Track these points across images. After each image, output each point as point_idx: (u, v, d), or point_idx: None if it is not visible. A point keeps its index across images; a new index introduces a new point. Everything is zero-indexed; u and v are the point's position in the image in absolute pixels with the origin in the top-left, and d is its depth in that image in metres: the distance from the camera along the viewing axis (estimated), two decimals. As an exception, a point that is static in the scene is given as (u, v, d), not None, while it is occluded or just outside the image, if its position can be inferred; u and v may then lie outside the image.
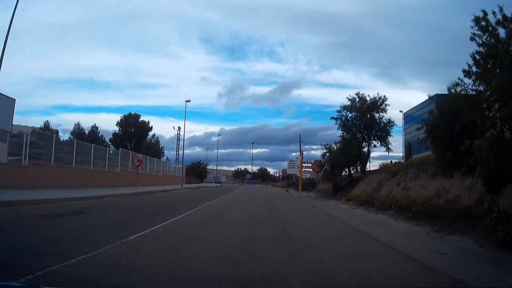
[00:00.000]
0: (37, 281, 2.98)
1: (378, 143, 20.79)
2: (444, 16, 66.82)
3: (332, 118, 20.62)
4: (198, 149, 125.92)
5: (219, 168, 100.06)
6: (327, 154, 20.85)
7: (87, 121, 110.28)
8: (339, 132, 20.65)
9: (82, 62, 78.73)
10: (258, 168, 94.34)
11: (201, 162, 62.86)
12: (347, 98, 20.55)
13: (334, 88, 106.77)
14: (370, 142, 20.70)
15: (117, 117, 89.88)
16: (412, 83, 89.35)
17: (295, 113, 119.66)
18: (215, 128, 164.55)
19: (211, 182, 70.67)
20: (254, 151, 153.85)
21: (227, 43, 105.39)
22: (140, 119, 61.96)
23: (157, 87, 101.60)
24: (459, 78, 7.56)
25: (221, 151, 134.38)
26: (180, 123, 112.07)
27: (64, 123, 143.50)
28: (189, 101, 31.63)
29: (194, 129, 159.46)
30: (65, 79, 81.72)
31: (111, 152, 27.27)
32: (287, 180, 49.69)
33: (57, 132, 46.48)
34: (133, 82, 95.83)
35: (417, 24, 70.99)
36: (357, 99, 20.37)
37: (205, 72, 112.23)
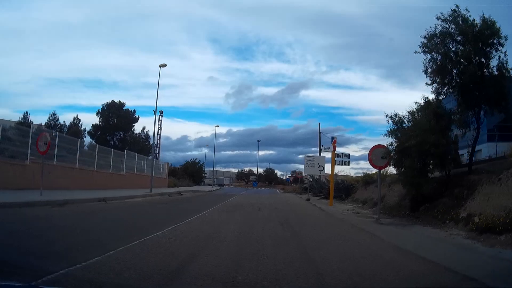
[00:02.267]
0: None
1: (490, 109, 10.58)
2: None
3: (423, 47, 10.21)
4: (205, 151, 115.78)
5: (224, 169, 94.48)
6: (397, 134, 10.58)
7: (93, 121, 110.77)
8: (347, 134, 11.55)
9: (89, 62, 78.61)
10: (264, 169, 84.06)
11: (196, 161, 52.96)
12: (438, 18, 10.26)
13: (341, 89, 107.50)
14: (479, 108, 10.47)
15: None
16: (420, 85, 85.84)
17: (303, 114, 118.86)
18: (222, 129, 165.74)
19: (213, 185, 62.51)
20: (261, 152, 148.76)
21: (235, 43, 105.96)
22: (124, 108, 52.82)
23: (165, 87, 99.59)
24: None
25: (228, 153, 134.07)
26: (188, 124, 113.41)
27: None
28: (164, 65, 21.75)
29: (201, 129, 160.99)
30: (71, 79, 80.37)
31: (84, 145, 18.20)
32: (301, 183, 39.40)
33: (40, 126, 38.45)
34: (140, 82, 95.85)
35: (424, 25, 67.72)
36: (459, 19, 10.11)
37: (212, 72, 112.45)
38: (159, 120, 39.95)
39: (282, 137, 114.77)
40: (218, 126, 45.09)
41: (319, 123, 36.15)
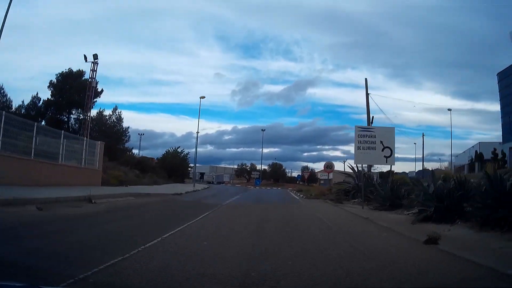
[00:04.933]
0: None
1: None
2: (458, 17, 64.69)
3: None
4: (210, 148, 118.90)
5: (227, 166, 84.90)
6: None
7: None
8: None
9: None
10: (270, 164, 69.67)
11: (179, 150, 39.10)
12: None
13: (348, 88, 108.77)
14: None
15: (130, 114, 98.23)
16: (425, 84, 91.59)
17: (309, 112, 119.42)
18: (227, 127, 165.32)
19: (194, 183, 52.19)
20: (266, 150, 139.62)
21: (242, 41, 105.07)
22: (83, 78, 39.62)
23: (171, 84, 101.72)
24: None
25: (233, 150, 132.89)
26: (194, 121, 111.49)
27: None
28: None
29: (206, 126, 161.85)
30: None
31: None
32: (336, 184, 25.36)
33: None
34: (146, 79, 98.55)
35: (431, 25, 69.44)
36: None
37: (219, 69, 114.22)
38: (91, 69, 26.24)
39: (287, 134, 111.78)
40: (204, 97, 31.38)
41: (365, 79, 21.81)
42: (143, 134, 70.53)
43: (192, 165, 39.25)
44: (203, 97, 31.28)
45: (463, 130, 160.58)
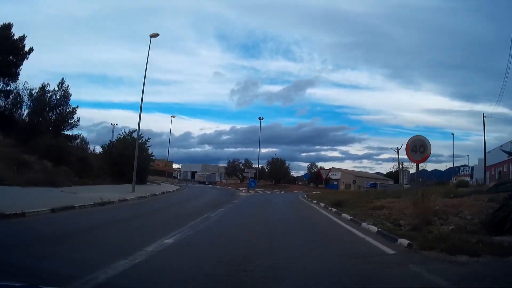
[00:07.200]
0: None
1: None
2: (457, 19, 56.88)
3: None
4: (207, 147, 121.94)
5: (220, 165, 76.21)
6: None
7: (98, 117, 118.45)
8: (351, 133, 0.49)
9: (95, 57, 79.24)
10: (269, 160, 56.66)
11: (134, 136, 26.80)
12: None
13: (347, 89, 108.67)
14: None
15: (129, 114, 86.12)
16: (424, 85, 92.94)
17: (308, 112, 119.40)
18: (226, 126, 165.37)
19: (203, 182, 49.80)
20: (264, 150, 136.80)
21: (243, 40, 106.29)
22: (9, 32, 27.97)
23: (170, 83, 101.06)
24: None
25: (231, 149, 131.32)
26: (192, 121, 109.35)
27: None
28: None
29: (205, 126, 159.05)
30: (76, 74, 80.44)
31: None
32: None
33: None
34: (146, 77, 72.54)
35: (431, 27, 64.90)
36: None
37: (219, 69, 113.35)
38: None
39: (286, 135, 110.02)
40: (157, 35, 19.84)
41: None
42: (116, 124, 58.60)
43: (161, 159, 26.93)
44: (156, 35, 19.94)
45: (461, 132, 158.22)
